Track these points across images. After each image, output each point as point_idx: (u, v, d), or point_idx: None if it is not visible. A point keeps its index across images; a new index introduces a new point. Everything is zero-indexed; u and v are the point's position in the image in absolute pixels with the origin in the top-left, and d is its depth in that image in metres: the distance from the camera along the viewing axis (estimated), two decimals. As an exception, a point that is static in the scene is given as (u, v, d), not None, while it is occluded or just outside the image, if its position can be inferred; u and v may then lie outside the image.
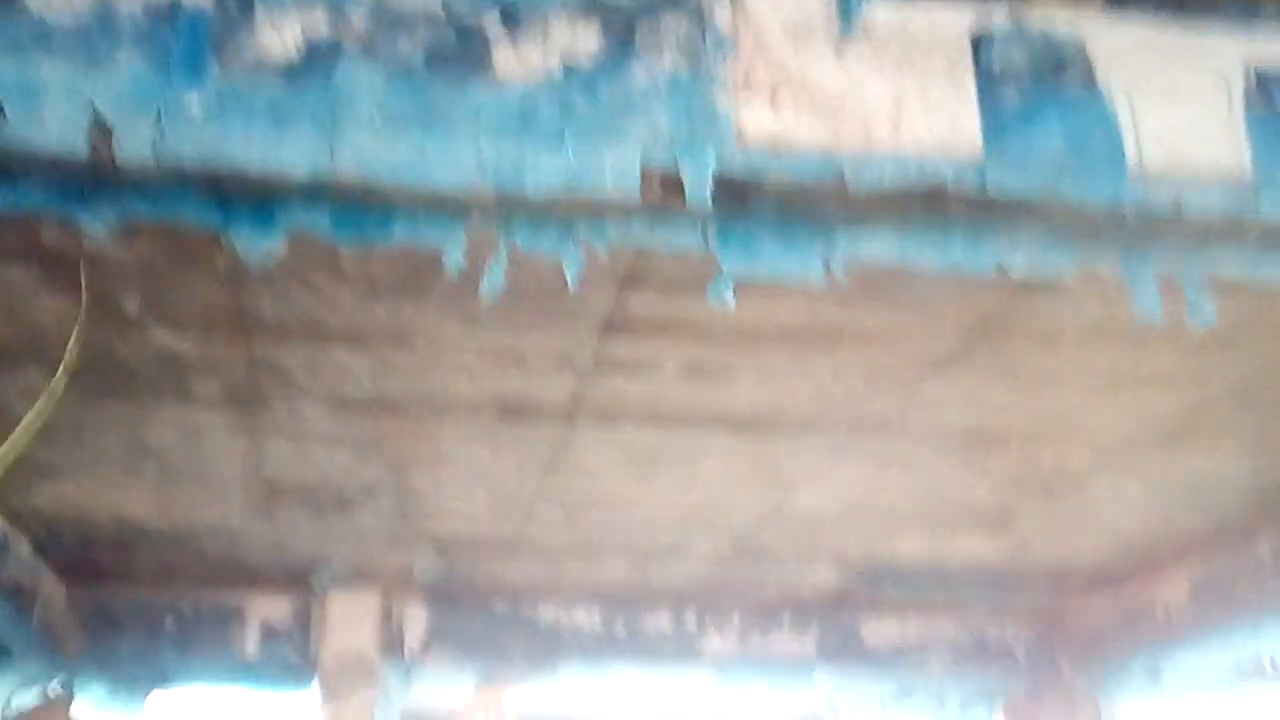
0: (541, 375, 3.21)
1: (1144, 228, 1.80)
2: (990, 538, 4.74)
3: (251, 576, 4.92)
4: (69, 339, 2.24)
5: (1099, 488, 4.13)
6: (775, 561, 5.08)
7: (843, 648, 5.73)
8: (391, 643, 5.17)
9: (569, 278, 1.73)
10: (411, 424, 3.51)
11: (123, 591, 5.05)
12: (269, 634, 5.14)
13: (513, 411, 3.46)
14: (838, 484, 4.13)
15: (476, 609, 5.35)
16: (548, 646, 5.37)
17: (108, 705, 5.30)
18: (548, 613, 5.42)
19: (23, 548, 4.40)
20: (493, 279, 1.76)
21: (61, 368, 1.70)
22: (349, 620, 5.07)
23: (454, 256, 1.72)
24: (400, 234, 1.71)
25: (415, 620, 5.24)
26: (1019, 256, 1.84)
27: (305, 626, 5.13)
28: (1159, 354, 3.08)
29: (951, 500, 4.32)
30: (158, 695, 5.47)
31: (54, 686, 4.93)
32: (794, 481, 4.13)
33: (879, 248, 1.81)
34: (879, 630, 5.76)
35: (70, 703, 4.99)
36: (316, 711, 5.04)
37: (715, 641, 5.59)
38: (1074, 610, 5.67)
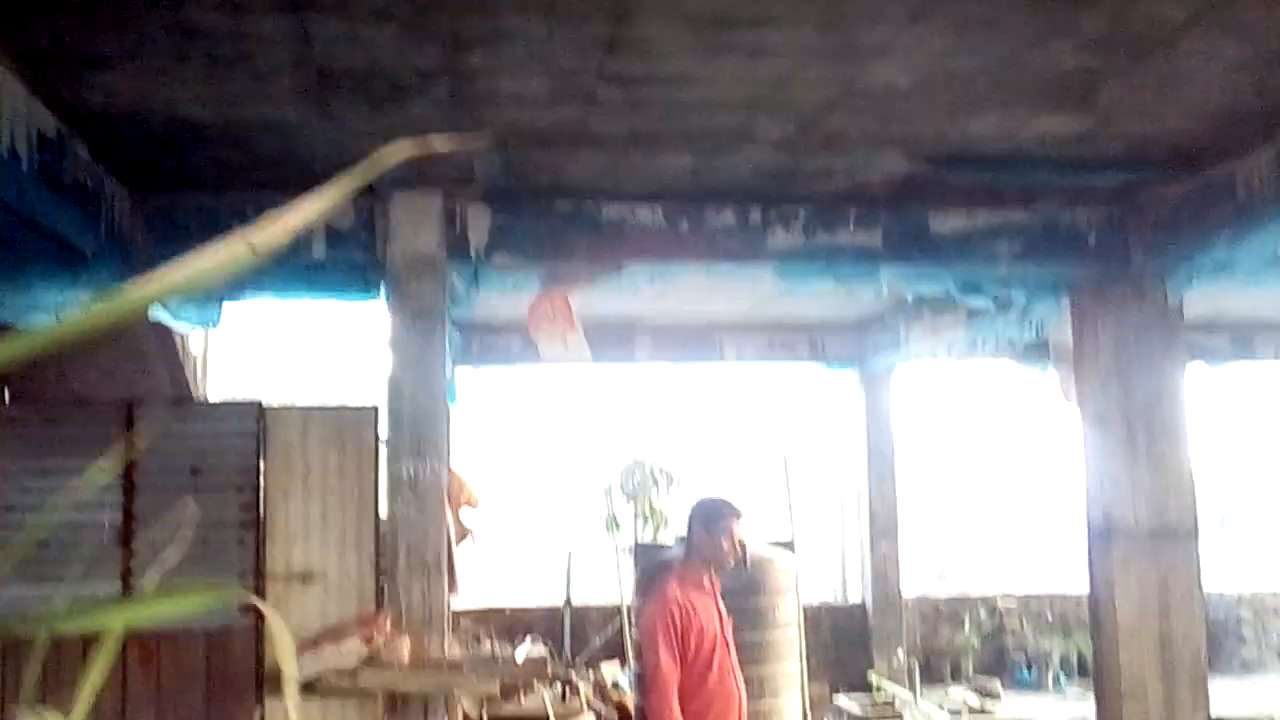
0: (601, -75, 3.05)
1: None
2: (1070, 115, 4.64)
3: (313, 178, 4.98)
4: None
5: (1191, 46, 3.96)
6: (843, 150, 5.05)
7: (909, 240, 5.81)
8: (456, 244, 5.32)
9: None
10: (462, -8, 3.40)
11: (186, 196, 5.19)
12: (334, 238, 5.31)
13: (570, -26, 3.33)
14: (913, 54, 4.00)
15: (539, 208, 5.45)
16: (611, 245, 5.50)
17: (182, 316, 5.60)
18: (611, 210, 5.50)
19: (81, 148, 4.49)
20: None
21: None
22: (412, 221, 5.21)
23: None
24: None
25: (479, 220, 5.35)
26: None
27: (370, 229, 5.28)
28: None
29: (1032, 71, 4.19)
30: (231, 307, 5.77)
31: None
32: (867, 53, 4.00)
33: None
34: (947, 220, 5.81)
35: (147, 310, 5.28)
36: (385, 314, 5.29)
37: (780, 236, 5.68)
38: (1151, 192, 5.63)
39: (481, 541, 6.99)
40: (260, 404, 5.69)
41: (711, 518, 4.40)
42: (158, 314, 5.47)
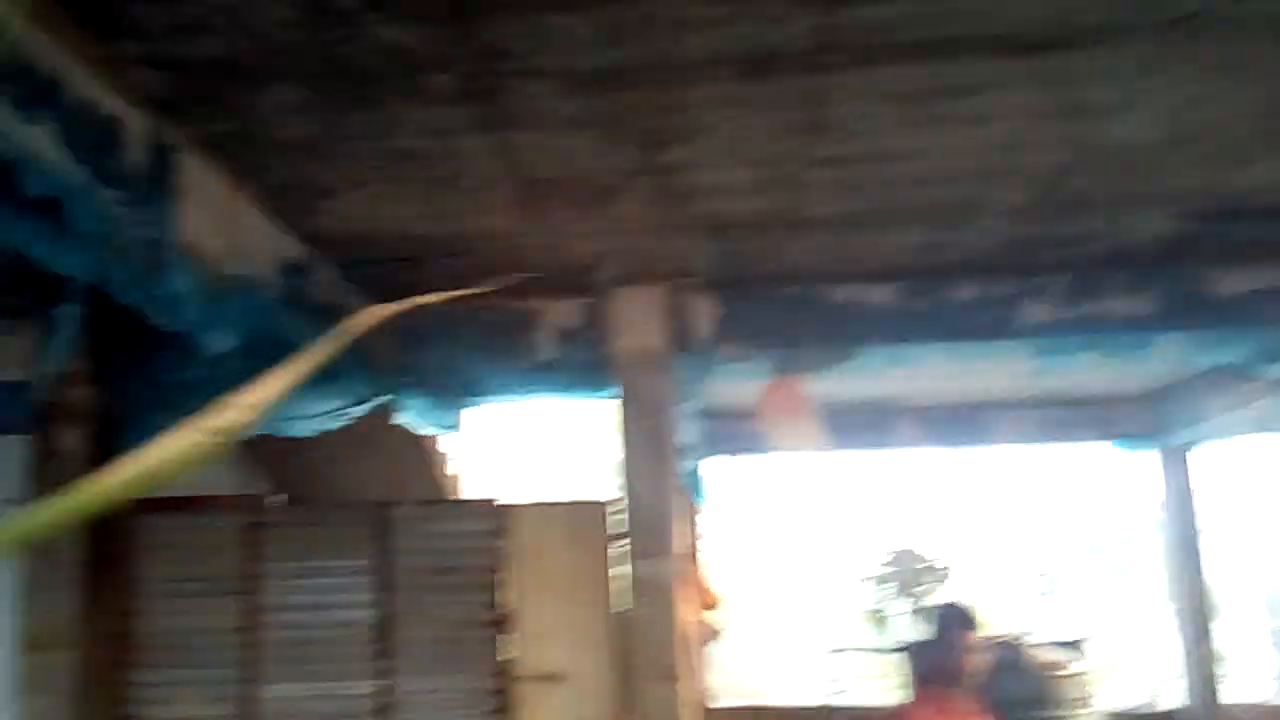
0: (778, 15, 3.09)
1: None
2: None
3: (539, 282, 5.27)
4: (308, 52, 2.35)
5: None
6: (1094, 212, 4.79)
7: (1186, 304, 5.39)
8: (682, 336, 5.42)
9: None
10: (652, 94, 3.53)
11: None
12: (563, 337, 5.55)
13: (757, 65, 3.38)
14: (1152, 107, 3.77)
15: (764, 295, 5.47)
16: (842, 329, 5.43)
17: (426, 421, 5.99)
18: (839, 293, 5.44)
19: (325, 269, 4.94)
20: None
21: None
22: (636, 316, 5.37)
23: None
24: None
25: (703, 311, 5.45)
26: None
27: (596, 327, 5.48)
28: None
29: (1302, 111, 3.84)
30: (468, 411, 6.11)
31: (378, 402, 5.64)
32: (1099, 110, 3.81)
33: None
34: (1229, 280, 5.35)
35: (394, 416, 5.70)
36: (615, 411, 5.45)
37: (1032, 308, 5.42)
38: None
39: (732, 639, 6.96)
40: (498, 501, 5.97)
41: (947, 626, 4.20)
42: (403, 420, 5.88)
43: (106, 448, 5.63)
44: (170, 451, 0.70)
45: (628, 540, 5.37)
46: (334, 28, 3.08)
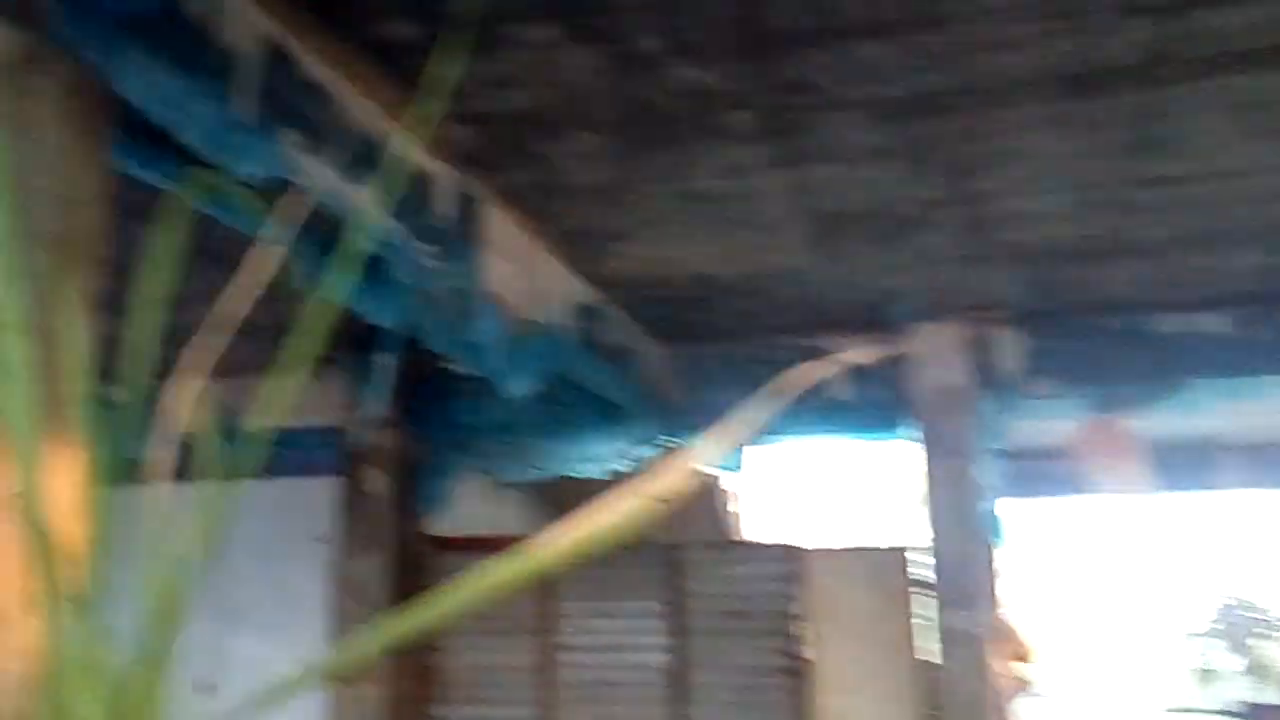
0: (1107, 28, 2.85)
1: None
2: None
3: (831, 319, 5.14)
4: (609, 98, 2.37)
5: None
6: None
7: None
8: (987, 373, 5.14)
9: None
10: (962, 120, 3.35)
11: (711, 346, 5.57)
12: (858, 376, 5.37)
13: (1081, 82, 3.14)
14: None
15: (1079, 327, 5.11)
16: (1169, 361, 4.99)
17: (710, 459, 5.95)
18: (1166, 323, 5.01)
19: (616, 313, 5.01)
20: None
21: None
22: (937, 352, 5.13)
23: None
24: None
25: (1010, 346, 5.14)
26: None
27: (894, 365, 5.28)
28: None
29: None
30: (753, 451, 6.01)
31: (664, 442, 5.65)
32: None
33: None
34: None
35: (685, 455, 5.68)
36: (912, 452, 5.22)
37: (1399, 336, 4.81)
38: None
39: (1043, 692, 6.53)
40: (793, 546, 5.84)
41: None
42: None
43: (409, 489, 5.93)
44: (611, 518, 0.66)
45: (929, 588, 5.13)
46: (636, 73, 3.09)
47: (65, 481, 0.90)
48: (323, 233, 3.00)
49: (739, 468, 5.90)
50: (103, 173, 2.37)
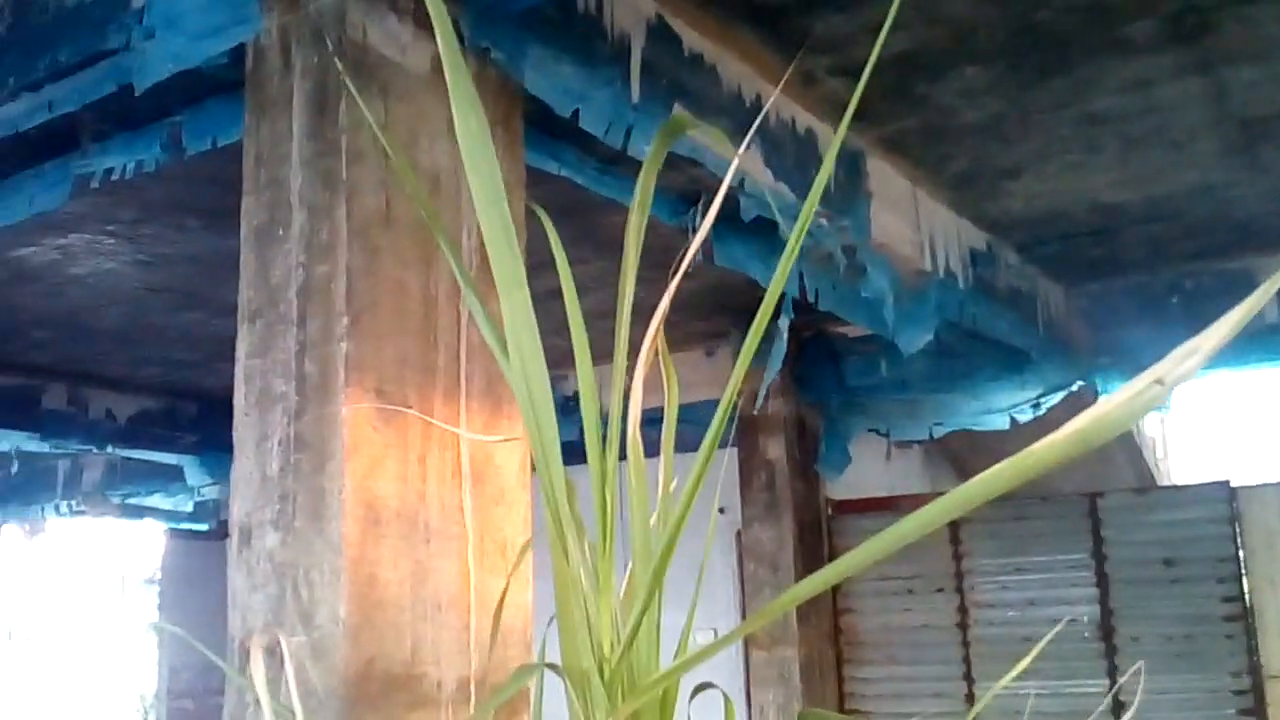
0: None
1: None
2: None
3: (1257, 238, 4.69)
4: (997, 27, 2.27)
5: None
6: None
7: None
8: None
9: None
10: None
11: (1116, 280, 5.23)
12: (1292, 297, 4.86)
13: None
14: None
15: None
16: None
17: (1146, 402, 5.58)
18: None
19: (1010, 254, 4.82)
20: None
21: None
22: (1389, 263, 4.55)
23: None
24: None
25: None
26: None
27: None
28: None
29: None
30: (1179, 388, 5.59)
31: (1076, 387, 5.37)
32: None
33: None
34: None
35: (1095, 399, 5.40)
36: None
37: None
38: None
39: None
40: (1226, 484, 5.40)
41: None
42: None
43: (807, 455, 6.01)
44: (1020, 470, 0.64)
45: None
46: (1026, -5, 2.96)
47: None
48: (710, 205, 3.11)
49: (1167, 408, 5.52)
50: (520, 167, 2.58)
